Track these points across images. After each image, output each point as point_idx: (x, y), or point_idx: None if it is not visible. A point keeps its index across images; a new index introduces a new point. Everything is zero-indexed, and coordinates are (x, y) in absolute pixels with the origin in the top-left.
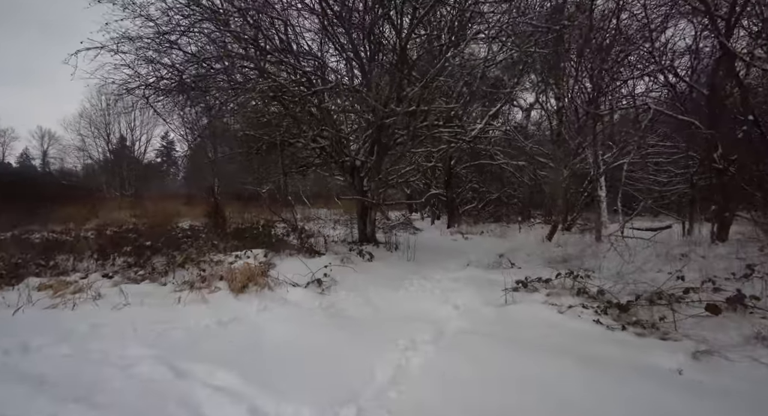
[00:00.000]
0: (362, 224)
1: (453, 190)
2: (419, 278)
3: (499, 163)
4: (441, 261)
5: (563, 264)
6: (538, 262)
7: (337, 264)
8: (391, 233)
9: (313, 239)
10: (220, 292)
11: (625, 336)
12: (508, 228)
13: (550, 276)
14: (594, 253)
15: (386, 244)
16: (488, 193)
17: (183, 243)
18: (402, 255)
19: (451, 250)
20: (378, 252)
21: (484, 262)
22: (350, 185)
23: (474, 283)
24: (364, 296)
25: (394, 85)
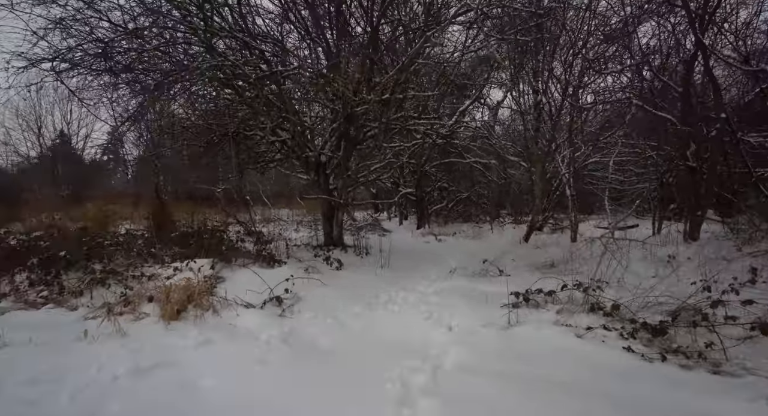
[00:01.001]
0: (328, 226)
1: (422, 189)
2: (399, 290)
3: (468, 161)
4: (419, 267)
5: (553, 270)
6: (525, 268)
7: (301, 275)
8: (359, 235)
9: (272, 244)
10: (147, 320)
11: (669, 369)
12: (480, 229)
13: (554, 288)
14: (584, 257)
15: (355, 248)
16: (458, 193)
17: (112, 252)
18: (374, 262)
19: (427, 254)
20: (347, 258)
21: (469, 269)
22: (315, 183)
23: (464, 296)
24: (335, 317)
25: (365, 69)
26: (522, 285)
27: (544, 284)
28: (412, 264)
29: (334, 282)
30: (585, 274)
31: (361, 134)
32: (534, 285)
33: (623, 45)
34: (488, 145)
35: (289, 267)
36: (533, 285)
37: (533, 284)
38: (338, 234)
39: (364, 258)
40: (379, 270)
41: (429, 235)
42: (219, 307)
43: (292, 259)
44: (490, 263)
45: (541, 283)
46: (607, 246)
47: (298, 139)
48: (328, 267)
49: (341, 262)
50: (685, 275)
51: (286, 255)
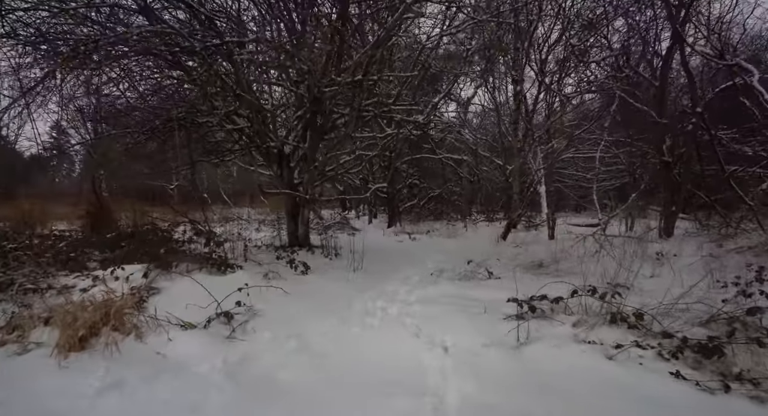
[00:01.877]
0: (293, 225)
1: (393, 185)
2: (376, 298)
3: (440, 156)
4: (397, 270)
5: (543, 271)
6: (514, 269)
7: (259, 282)
8: (326, 235)
9: (227, 246)
10: (35, 353)
11: (738, 403)
12: (454, 227)
13: (561, 294)
14: (576, 256)
15: (323, 249)
16: (429, 190)
17: (19, 257)
18: (345, 264)
19: (403, 255)
20: (314, 260)
21: (452, 271)
22: (278, 177)
23: (455, 305)
24: (300, 336)
25: (335, 46)
26: (518, 290)
27: (545, 288)
28: (389, 267)
29: (300, 289)
30: (580, 275)
31: (330, 122)
32: (532, 289)
33: (602, 34)
34: (461, 140)
35: (245, 273)
36: (531, 289)
37: (530, 288)
38: (304, 233)
39: (334, 260)
40: (351, 275)
41: (402, 234)
42: (146, 330)
43: (250, 263)
44: (476, 264)
45: (542, 287)
46: (603, 244)
47: (258, 126)
48: (292, 271)
49: (307, 266)
50: (685, 275)
51: (243, 258)
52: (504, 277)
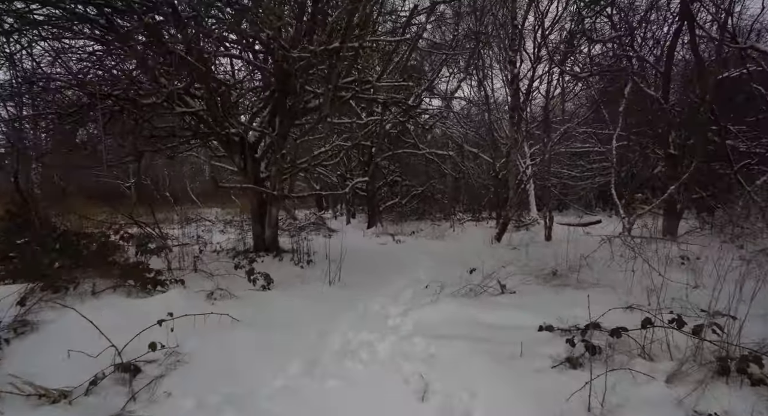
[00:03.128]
0: (259, 227)
1: (374, 182)
2: (359, 325)
3: (423, 152)
4: (383, 281)
5: (562, 281)
6: (525, 279)
7: (199, 305)
8: (299, 237)
9: (177, 252)
10: None
11: None
12: (440, 227)
13: (613, 320)
14: (595, 262)
15: (294, 255)
16: (412, 187)
17: None
18: (319, 274)
19: (388, 261)
20: (281, 269)
21: (453, 282)
22: (241, 171)
23: (469, 338)
24: (241, 403)
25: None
26: (548, 312)
27: (578, 308)
28: (373, 277)
29: (255, 314)
30: (610, 287)
31: (302, 104)
32: (560, 308)
33: (607, 14)
34: (445, 135)
35: (182, 293)
36: (558, 308)
37: (557, 307)
38: (272, 236)
39: (306, 269)
40: (326, 289)
41: (384, 235)
42: None
43: (197, 276)
44: (481, 274)
45: (572, 306)
46: (636, 248)
47: (215, 109)
48: (251, 285)
49: (270, 279)
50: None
51: (193, 268)
52: (519, 291)
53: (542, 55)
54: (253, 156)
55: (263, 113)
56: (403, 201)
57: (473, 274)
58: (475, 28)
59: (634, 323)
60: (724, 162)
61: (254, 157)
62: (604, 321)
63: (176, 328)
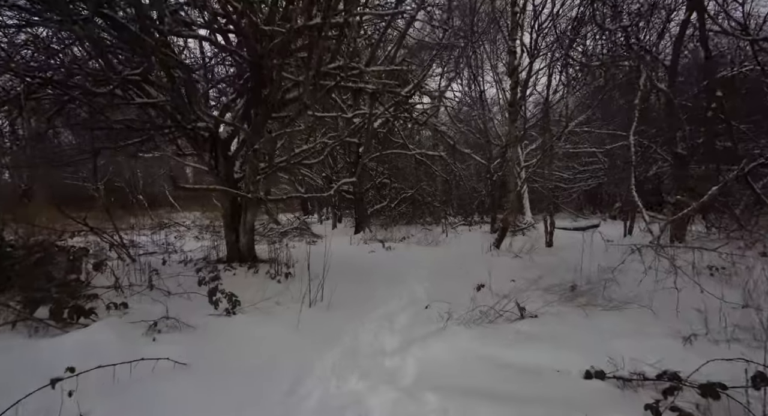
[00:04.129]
0: (232, 233)
1: (362, 185)
2: (347, 371)
3: (413, 152)
4: (374, 300)
5: (585, 299)
6: (541, 296)
7: (135, 341)
8: (280, 244)
9: (128, 266)
10: None
11: None
12: (431, 232)
13: (694, 367)
14: (623, 275)
15: (272, 266)
16: (402, 190)
17: None
18: (300, 291)
19: (378, 273)
20: (254, 285)
21: (458, 302)
22: (211, 170)
23: (497, 396)
24: None
25: None
26: (587, 347)
27: (628, 340)
28: (362, 294)
29: (210, 352)
30: (649, 309)
31: (280, 94)
32: (597, 340)
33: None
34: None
35: (116, 323)
36: (596, 341)
37: (596, 339)
38: (247, 244)
39: (284, 284)
40: (306, 311)
41: (373, 242)
42: None
43: (153, 294)
44: (491, 292)
45: (616, 336)
46: (673, 261)
47: (179, 101)
48: (212, 309)
49: (236, 300)
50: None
51: (148, 284)
52: (541, 314)
53: (541, 47)
54: (226, 154)
55: (236, 105)
56: (392, 204)
57: (480, 291)
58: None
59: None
60: (732, 163)
61: (227, 155)
62: (667, 362)
63: (84, 387)
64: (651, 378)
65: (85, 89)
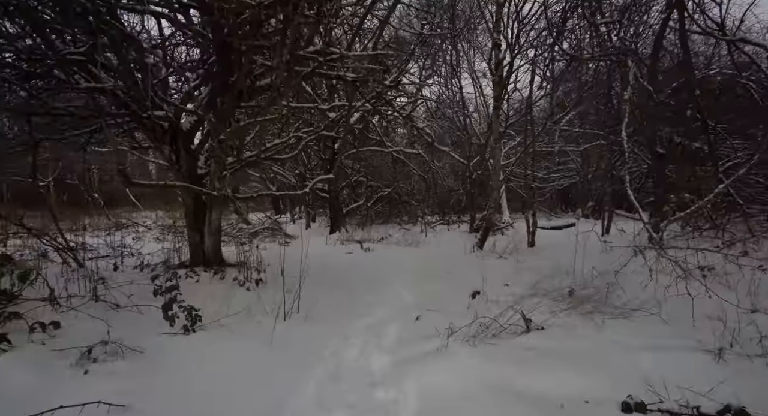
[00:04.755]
0: (196, 235)
1: (337, 183)
2: (328, 404)
3: (390, 150)
4: (357, 310)
5: (589, 305)
6: (539, 302)
7: (53, 381)
8: (251, 245)
9: (72, 273)
10: None
11: None
12: (409, 232)
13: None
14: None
15: (240, 270)
16: (378, 188)
17: None
18: (272, 301)
19: (359, 276)
20: (219, 294)
21: (452, 311)
22: (172, 165)
23: None
24: None
25: None
26: (609, 366)
27: (640, 350)
28: (342, 302)
29: (159, 388)
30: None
31: (249, 79)
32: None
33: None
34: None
35: (36, 352)
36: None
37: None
38: (213, 246)
39: (254, 292)
40: (279, 326)
41: (350, 242)
42: None
43: (98, 307)
44: (489, 300)
45: (629, 348)
46: (678, 263)
47: (134, 86)
48: (168, 327)
49: (196, 316)
50: None
51: (92, 295)
52: (547, 325)
53: (522, 42)
54: (188, 147)
55: (200, 93)
56: (369, 203)
57: (476, 298)
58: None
59: None
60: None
61: (189, 148)
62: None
63: None
64: (702, 412)
65: (19, 69)
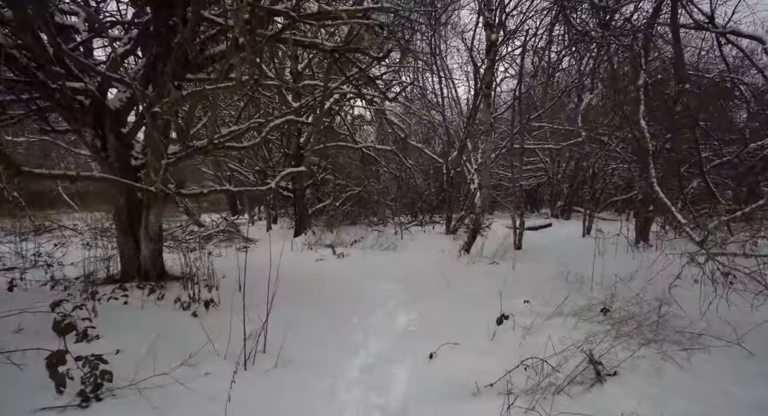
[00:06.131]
0: (130, 241)
1: (303, 180)
2: None
3: (360, 146)
4: (346, 344)
5: (648, 333)
6: (576, 326)
7: None
8: (202, 252)
9: None
10: None
11: None
12: (383, 234)
13: None
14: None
15: (185, 286)
16: (348, 187)
17: None
18: (227, 332)
19: (338, 292)
20: (152, 326)
21: (475, 344)
22: (96, 154)
23: None
24: None
25: None
26: None
27: None
28: (322, 329)
29: None
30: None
31: (198, 45)
32: None
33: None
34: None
35: None
36: None
37: None
38: (151, 255)
39: (203, 318)
40: (238, 385)
41: (320, 247)
42: None
43: None
44: (516, 326)
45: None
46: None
47: (38, 49)
48: (55, 393)
49: (104, 372)
50: None
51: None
52: (620, 370)
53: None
54: (118, 131)
55: (134, 62)
56: (337, 203)
57: (505, 324)
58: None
59: None
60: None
61: (119, 133)
62: None
63: None
64: None
65: None
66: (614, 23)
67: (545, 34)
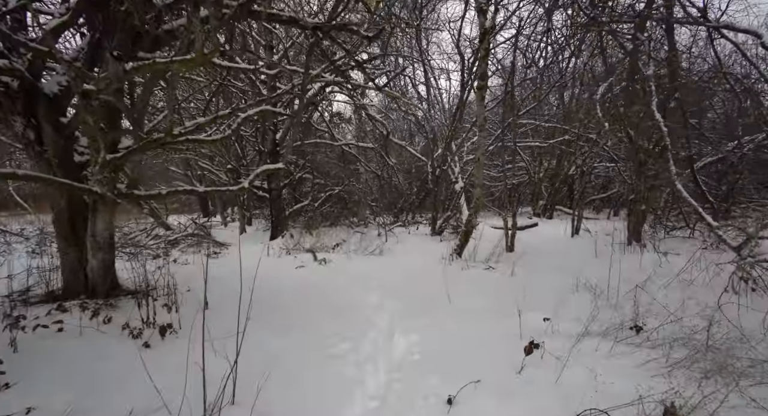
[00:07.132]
0: (73, 251)
1: (279, 180)
2: None
3: (340, 143)
4: (336, 381)
5: (712, 364)
6: (611, 352)
7: None
8: (166, 261)
9: None
10: None
11: None
12: (366, 236)
13: None
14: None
15: (140, 304)
16: (327, 187)
17: None
18: (183, 371)
19: (320, 306)
20: (84, 364)
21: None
22: (29, 147)
23: None
24: None
25: None
26: None
27: None
28: (306, 361)
29: None
30: None
31: (152, 18)
32: None
33: None
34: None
35: None
36: None
37: None
38: (101, 266)
39: (157, 351)
40: None
41: (299, 251)
42: None
43: None
44: (552, 355)
45: None
46: None
47: None
48: None
49: None
50: None
51: None
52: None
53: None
54: (56, 121)
55: (80, 46)
56: (316, 203)
57: (531, 357)
58: None
59: None
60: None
61: (58, 122)
62: None
63: None
64: None
65: None
66: (614, 13)
67: (541, 23)
